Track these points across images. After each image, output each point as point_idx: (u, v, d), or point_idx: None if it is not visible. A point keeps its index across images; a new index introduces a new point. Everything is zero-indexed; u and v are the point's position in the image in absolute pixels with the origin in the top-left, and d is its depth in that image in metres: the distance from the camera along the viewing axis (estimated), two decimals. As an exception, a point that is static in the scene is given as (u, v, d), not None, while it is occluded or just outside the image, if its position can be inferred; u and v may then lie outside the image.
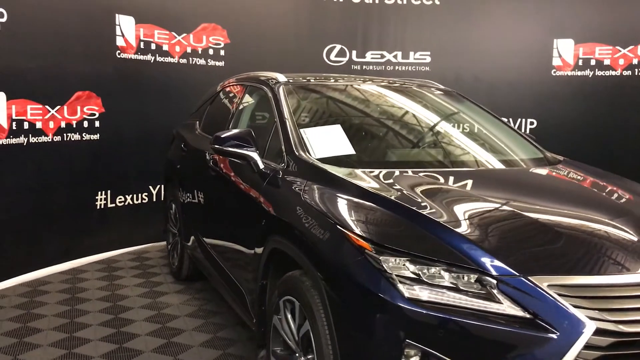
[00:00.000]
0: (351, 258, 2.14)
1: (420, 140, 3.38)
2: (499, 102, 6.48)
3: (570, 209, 2.52)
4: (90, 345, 3.54)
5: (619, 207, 2.59)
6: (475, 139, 3.48)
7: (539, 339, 1.86)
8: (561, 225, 2.29)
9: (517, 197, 2.58)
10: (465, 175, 2.88)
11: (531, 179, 3.00)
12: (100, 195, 5.37)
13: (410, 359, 1.95)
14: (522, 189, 2.74)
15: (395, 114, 3.62)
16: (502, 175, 3.01)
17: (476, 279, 1.99)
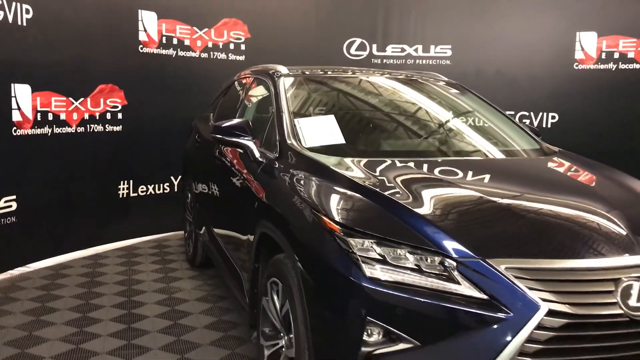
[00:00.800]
0: (323, 240, 2.24)
1: (414, 131, 3.44)
2: (520, 96, 6.44)
3: (544, 195, 2.55)
4: (101, 325, 3.73)
5: (593, 195, 2.61)
6: (471, 130, 3.51)
7: (494, 319, 1.91)
8: (527, 210, 2.33)
9: (495, 185, 2.62)
10: (451, 164, 2.93)
11: (517, 167, 3.03)
12: (123, 185, 5.59)
13: (372, 337, 2.03)
14: (503, 177, 2.78)
15: (394, 105, 3.68)
16: (488, 164, 3.05)
17: (439, 261, 2.05)
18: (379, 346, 2.02)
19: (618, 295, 2.00)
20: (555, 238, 2.15)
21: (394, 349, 2.00)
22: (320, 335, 2.21)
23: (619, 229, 2.27)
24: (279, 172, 2.86)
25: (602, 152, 5.19)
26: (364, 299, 2.02)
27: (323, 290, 2.21)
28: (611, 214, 2.36)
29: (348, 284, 2.06)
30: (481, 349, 1.90)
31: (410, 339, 1.97)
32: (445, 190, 2.52)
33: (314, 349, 2.23)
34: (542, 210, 2.37)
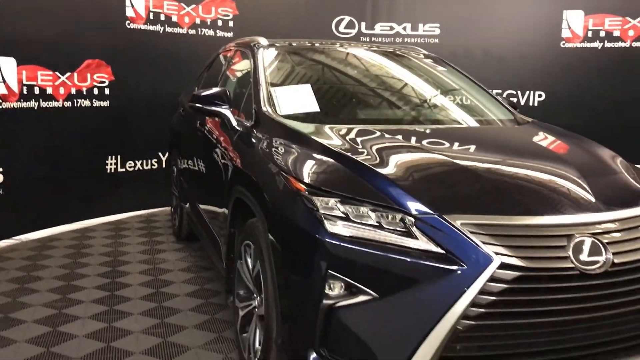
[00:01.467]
0: (290, 200, 2.30)
1: (390, 100, 3.49)
2: (508, 74, 6.48)
3: (509, 159, 2.62)
4: (84, 292, 3.81)
5: (556, 159, 2.67)
6: (447, 100, 3.56)
7: (449, 271, 1.98)
8: (488, 172, 2.40)
9: (462, 150, 2.68)
10: (423, 131, 2.98)
11: (486, 134, 3.09)
12: (111, 160, 5.64)
13: (334, 290, 2.10)
14: (472, 143, 2.83)
15: (371, 76, 3.73)
16: (459, 131, 3.11)
17: (400, 219, 2.12)
18: (340, 299, 2.09)
19: (570, 250, 2.07)
20: (512, 197, 2.22)
21: (354, 301, 2.07)
22: (286, 291, 2.28)
23: (577, 190, 2.34)
24: (254, 139, 2.92)
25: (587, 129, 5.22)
26: (326, 253, 2.09)
27: (289, 247, 2.28)
28: (571, 176, 2.43)
29: (311, 239, 2.13)
30: (436, 300, 1.97)
31: (369, 291, 2.04)
32: (412, 154, 2.58)
33: (280, 305, 2.30)
34: (503, 171, 2.44)
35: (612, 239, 2.14)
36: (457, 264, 1.99)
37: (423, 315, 1.99)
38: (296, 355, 2.22)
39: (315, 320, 2.12)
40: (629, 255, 2.15)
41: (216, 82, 4.17)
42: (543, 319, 2.03)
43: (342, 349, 2.12)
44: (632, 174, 2.62)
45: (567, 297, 2.04)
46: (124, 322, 3.37)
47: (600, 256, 2.08)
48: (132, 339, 3.16)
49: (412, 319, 2.00)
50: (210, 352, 3.02)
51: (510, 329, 2.03)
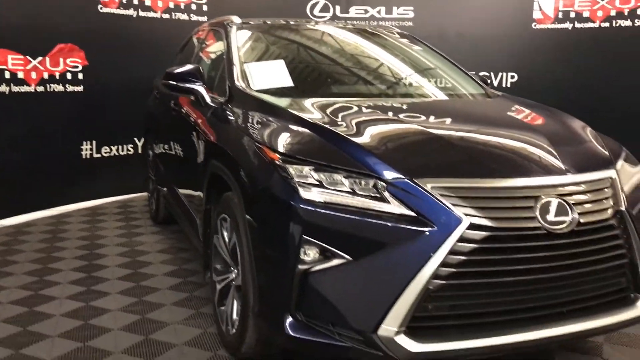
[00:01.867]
0: (264, 169, 2.33)
1: (364, 76, 3.53)
2: (481, 56, 6.55)
3: (479, 127, 2.67)
4: (61, 274, 3.79)
5: (525, 127, 2.73)
6: (420, 75, 3.61)
7: (420, 233, 2.03)
8: (459, 139, 2.45)
9: (434, 120, 2.73)
10: (395, 103, 3.02)
11: (458, 106, 3.15)
12: (86, 146, 5.60)
13: (309, 255, 2.14)
14: (444, 113, 2.89)
15: (345, 52, 3.76)
16: (431, 103, 3.17)
17: (373, 184, 2.16)
18: (315, 264, 2.13)
19: (537, 211, 2.13)
20: (481, 161, 2.27)
21: (328, 265, 2.11)
22: (262, 259, 2.31)
23: (544, 155, 2.40)
24: (228, 113, 2.94)
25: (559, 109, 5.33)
26: (300, 219, 2.12)
27: (264, 216, 2.31)
28: (539, 142, 2.49)
29: (286, 206, 2.16)
30: (408, 261, 2.02)
31: (343, 255, 2.08)
32: (384, 125, 2.62)
33: (256, 273, 2.33)
34: (473, 139, 2.49)
35: (578, 200, 2.21)
36: (428, 226, 2.03)
37: (395, 276, 2.03)
38: (273, 321, 2.26)
39: (291, 286, 2.15)
40: (594, 216, 2.22)
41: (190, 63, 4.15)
42: (511, 278, 2.09)
43: (318, 312, 2.17)
44: (599, 142, 2.69)
45: (534, 257, 2.11)
46: (102, 301, 3.37)
47: (567, 216, 2.15)
48: (110, 316, 3.17)
49: (385, 280, 2.04)
50: (189, 327, 3.04)
51: (479, 288, 2.09)
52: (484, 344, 2.10)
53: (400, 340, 2.04)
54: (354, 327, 2.10)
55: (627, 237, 2.29)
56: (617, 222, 2.27)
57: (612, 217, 2.27)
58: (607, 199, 2.30)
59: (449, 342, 2.08)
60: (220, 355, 2.75)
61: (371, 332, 2.06)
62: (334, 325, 2.14)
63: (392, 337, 2.04)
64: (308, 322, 2.18)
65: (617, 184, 2.37)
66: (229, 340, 2.69)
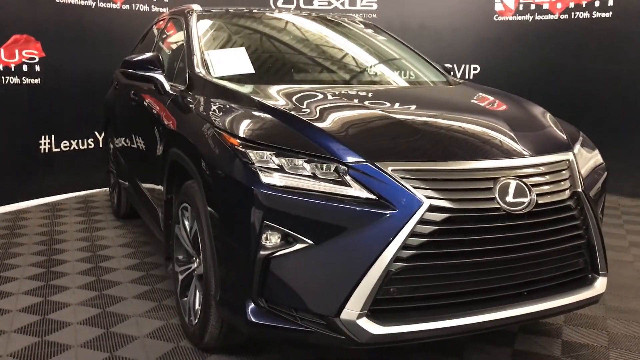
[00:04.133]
0: (224, 155, 2.30)
1: (325, 64, 3.52)
2: (444, 48, 6.61)
3: (440, 112, 2.69)
4: (18, 270, 3.69)
5: (486, 112, 2.77)
6: (382, 64, 3.61)
7: (380, 215, 2.02)
8: (420, 123, 2.46)
9: (396, 105, 2.73)
10: (358, 90, 3.02)
11: (420, 93, 3.17)
12: (44, 140, 5.46)
13: (271, 241, 2.12)
14: (406, 100, 2.89)
15: (308, 41, 3.74)
16: (393, 90, 3.18)
17: (334, 168, 2.15)
18: (277, 249, 2.11)
19: (496, 192, 2.15)
20: (441, 145, 2.28)
21: (290, 250, 2.09)
22: (223, 246, 2.28)
23: (503, 138, 2.42)
24: (188, 101, 2.89)
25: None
26: (261, 204, 2.10)
27: (225, 203, 2.27)
28: (498, 126, 2.52)
29: (246, 192, 2.13)
30: (369, 243, 2.01)
31: (305, 239, 2.06)
32: (346, 110, 2.61)
33: (218, 260, 2.30)
34: (434, 123, 2.50)
35: (536, 182, 2.24)
36: (389, 208, 2.03)
37: (357, 260, 2.03)
38: (235, 308, 2.23)
39: (253, 272, 2.13)
40: (552, 197, 2.25)
41: (149, 50, 4.08)
42: (471, 259, 2.11)
43: (280, 298, 2.15)
44: (558, 127, 2.73)
45: (493, 237, 2.13)
46: (61, 295, 3.29)
47: (525, 197, 2.17)
48: (70, 311, 3.09)
49: (347, 263, 2.04)
50: (151, 320, 2.99)
51: (440, 270, 2.10)
52: (445, 325, 2.11)
53: (363, 323, 2.04)
54: (316, 311, 2.09)
55: (584, 218, 2.33)
56: (574, 204, 2.31)
57: (569, 198, 2.30)
58: (564, 180, 2.34)
59: (410, 325, 2.09)
60: (183, 347, 2.71)
61: (334, 316, 2.05)
62: (296, 310, 2.12)
63: (354, 320, 2.03)
64: (270, 308, 2.16)
65: (574, 166, 2.42)
66: (192, 331, 2.65)
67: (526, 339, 2.83)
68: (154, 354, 2.64)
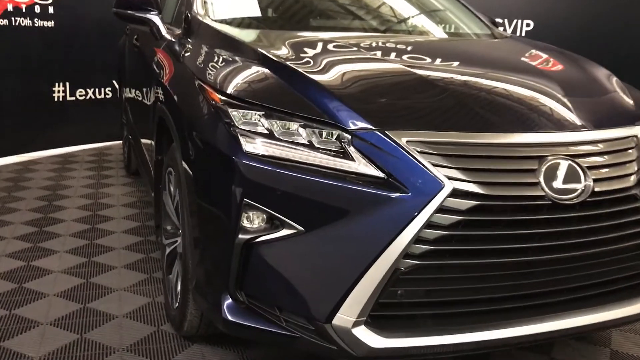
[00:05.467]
0: (205, 114, 1.89)
1: (350, 7, 3.01)
2: (495, 1, 5.97)
3: (476, 70, 2.18)
4: (9, 228, 3.42)
5: (533, 72, 2.24)
6: (414, 9, 3.09)
7: (389, 199, 1.58)
8: (449, 83, 1.97)
9: (424, 60, 2.24)
10: (382, 40, 2.54)
11: (456, 46, 2.65)
12: (58, 88, 5.16)
13: (253, 223, 1.71)
14: (435, 53, 2.39)
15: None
16: (425, 42, 2.66)
17: (336, 136, 1.71)
18: (259, 233, 1.70)
19: (541, 176, 1.67)
20: (472, 111, 1.80)
21: (275, 235, 1.68)
22: (200, 223, 1.89)
23: (555, 106, 1.92)
24: (180, 47, 2.47)
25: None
26: (241, 177, 1.68)
27: (201, 172, 1.88)
28: (549, 91, 2.01)
29: (224, 161, 1.72)
30: (372, 234, 1.59)
31: (293, 224, 1.65)
32: (361, 63, 2.15)
33: (193, 240, 1.92)
34: (467, 83, 2.01)
35: (593, 163, 1.75)
36: (400, 191, 1.59)
37: (356, 253, 1.60)
38: (211, 301, 1.85)
39: (231, 258, 1.73)
40: (613, 183, 1.76)
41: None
42: (503, 259, 1.66)
43: (263, 292, 1.76)
44: (626, 94, 2.20)
45: (534, 233, 1.66)
46: (45, 260, 2.99)
47: (578, 183, 1.69)
48: (50, 279, 2.79)
49: (344, 257, 1.62)
50: (136, 295, 2.66)
51: (463, 270, 1.66)
52: (468, 339, 1.68)
53: (359, 332, 1.63)
54: (303, 313, 1.68)
55: (653, 212, 1.83)
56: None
57: (635, 185, 1.80)
58: (630, 162, 1.84)
59: (422, 337, 1.66)
60: (164, 332, 2.36)
61: (324, 322, 1.64)
62: (280, 309, 1.73)
63: (349, 328, 1.63)
64: (250, 304, 1.77)
65: (644, 144, 1.90)
66: (173, 315, 2.30)
67: (566, 346, 2.38)
68: (129, 338, 2.31)
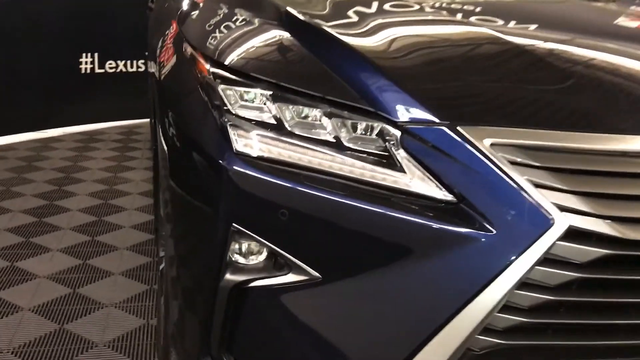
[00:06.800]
0: (187, 90, 1.31)
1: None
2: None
3: (595, 42, 1.50)
4: (7, 216, 2.98)
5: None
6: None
7: (459, 240, 0.97)
8: (554, 57, 1.30)
9: (521, 22, 1.57)
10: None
11: (568, 8, 1.95)
12: (86, 59, 4.71)
13: (246, 258, 1.13)
14: (541, 15, 1.70)
15: None
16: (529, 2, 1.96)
17: (378, 131, 1.10)
18: (256, 275, 1.12)
19: None
20: (593, 103, 1.14)
21: (278, 281, 1.10)
22: (176, 247, 1.33)
23: None
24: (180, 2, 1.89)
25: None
26: (230, 190, 1.10)
27: (177, 177, 1.30)
28: None
29: (205, 164, 1.15)
30: (430, 297, 0.98)
31: (305, 268, 1.06)
32: (426, 26, 1.51)
33: (168, 269, 1.36)
34: (578, 59, 1.33)
35: None
36: (479, 226, 0.97)
37: (401, 324, 1.00)
38: (187, 358, 1.29)
39: (213, 307, 1.16)
40: None
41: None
42: None
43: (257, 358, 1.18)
44: None
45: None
46: (34, 261, 2.53)
47: None
48: (33, 285, 2.32)
49: (380, 329, 1.02)
50: (127, 315, 2.14)
51: (579, 355, 1.03)
52: None
53: None
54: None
55: None
56: None
57: None
58: None
59: None
60: None
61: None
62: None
63: None
64: (241, 376, 1.19)
65: None
66: (159, 349, 1.76)
67: None
68: None
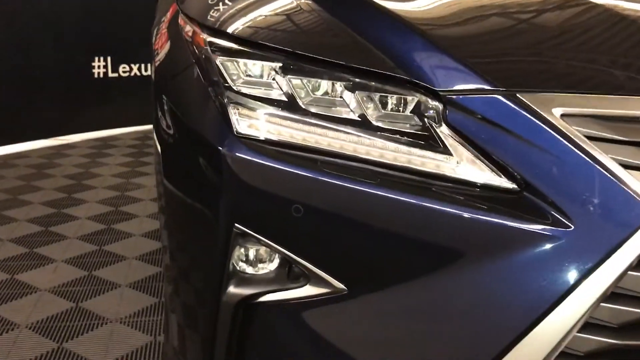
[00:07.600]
0: (181, 64, 1.11)
1: None
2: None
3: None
4: (10, 226, 2.81)
5: None
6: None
7: (526, 238, 0.74)
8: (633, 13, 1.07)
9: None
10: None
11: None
12: (98, 62, 4.57)
13: (255, 267, 0.92)
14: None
15: None
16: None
17: (414, 106, 0.88)
18: (267, 286, 0.91)
19: None
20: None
21: (295, 295, 0.88)
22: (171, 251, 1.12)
23: None
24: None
25: None
26: (230, 182, 0.89)
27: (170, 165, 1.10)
28: None
29: (201, 150, 0.94)
30: (490, 314, 0.76)
31: (326, 277, 0.84)
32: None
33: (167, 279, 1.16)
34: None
35: None
36: (553, 221, 0.74)
37: (452, 348, 0.78)
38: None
39: (215, 326, 0.95)
40: None
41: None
42: None
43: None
44: None
45: None
46: (36, 273, 2.35)
47: None
48: (33, 300, 2.13)
49: (422, 353, 0.79)
50: (133, 332, 1.94)
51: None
52: None
53: None
54: None
55: None
56: None
57: None
58: None
59: None
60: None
61: None
62: None
63: None
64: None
65: None
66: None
67: None
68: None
